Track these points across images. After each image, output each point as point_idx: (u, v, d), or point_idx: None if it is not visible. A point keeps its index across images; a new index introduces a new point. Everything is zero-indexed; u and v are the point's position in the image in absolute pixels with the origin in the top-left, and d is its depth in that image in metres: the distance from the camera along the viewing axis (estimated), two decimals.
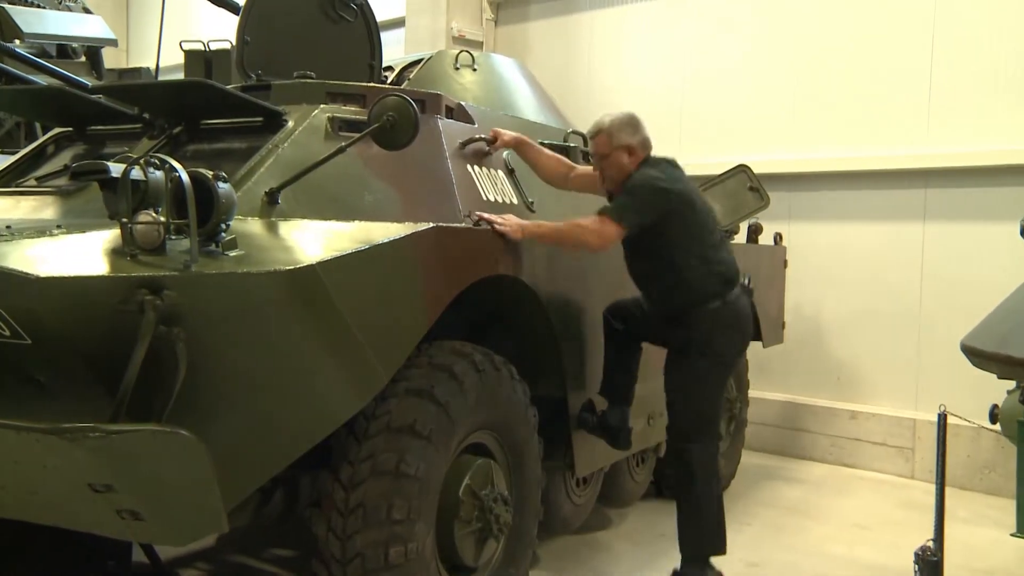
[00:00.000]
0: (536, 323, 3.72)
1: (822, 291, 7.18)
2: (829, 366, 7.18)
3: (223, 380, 2.44)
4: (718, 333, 3.80)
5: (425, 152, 3.49)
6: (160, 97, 3.57)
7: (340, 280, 2.53)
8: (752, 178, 6.15)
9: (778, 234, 6.72)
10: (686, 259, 3.76)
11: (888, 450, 6.73)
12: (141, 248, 2.41)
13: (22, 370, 2.47)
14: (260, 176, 3.03)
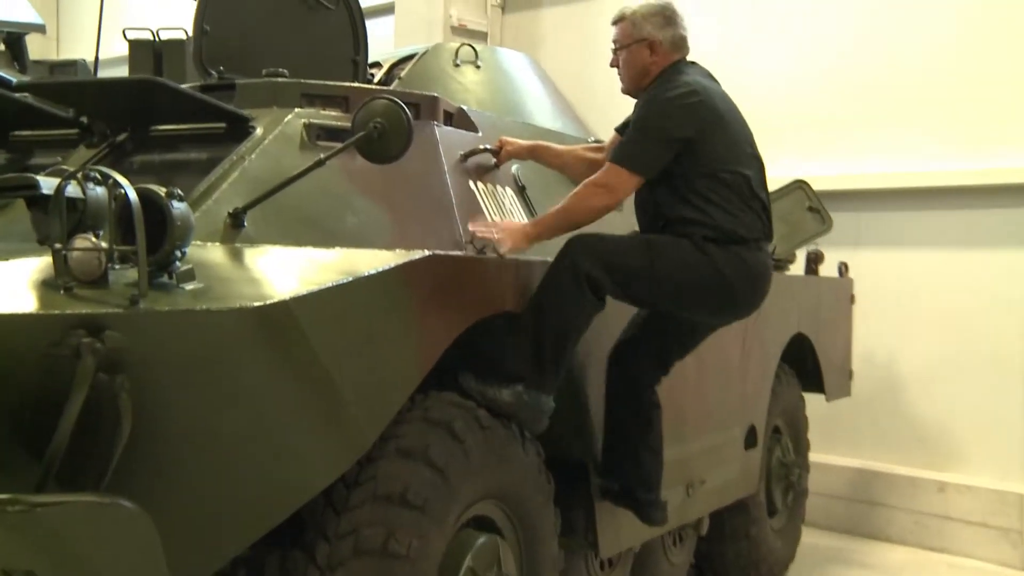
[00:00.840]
0: None
1: (898, 333, 7.14)
2: (909, 425, 7.11)
3: (175, 439, 2.44)
4: (716, 274, 3.65)
5: (419, 165, 3.52)
6: (101, 97, 3.59)
7: (318, 318, 2.53)
8: (811, 196, 6.18)
9: (843, 264, 6.72)
10: (700, 199, 3.68)
11: (988, 532, 6.63)
12: (78, 280, 2.41)
13: None
14: (222, 193, 3.05)
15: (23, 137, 3.83)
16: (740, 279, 3.69)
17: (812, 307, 6.01)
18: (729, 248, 3.66)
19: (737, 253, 3.68)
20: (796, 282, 6.07)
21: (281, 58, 3.94)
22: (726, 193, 3.70)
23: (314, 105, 3.55)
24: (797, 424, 6.09)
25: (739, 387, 5.12)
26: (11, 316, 2.31)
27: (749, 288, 3.77)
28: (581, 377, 3.77)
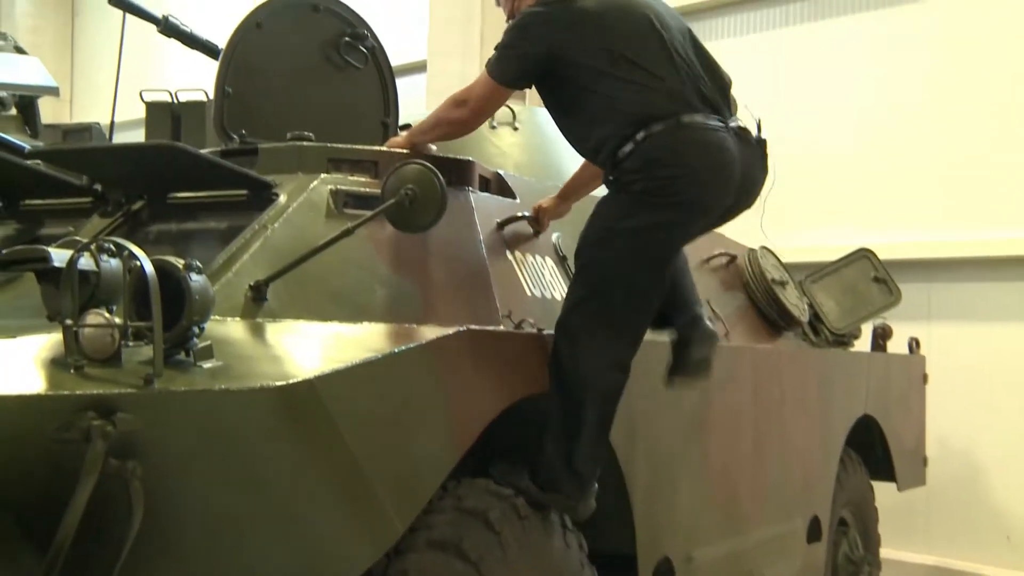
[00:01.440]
0: None
1: (976, 415, 7.06)
2: (993, 519, 6.99)
3: (190, 529, 2.45)
4: (658, 162, 3.48)
5: (453, 235, 3.54)
6: (115, 163, 3.66)
7: (344, 399, 2.54)
8: (877, 266, 6.16)
9: (914, 339, 6.67)
10: (602, 97, 3.55)
11: None
12: (89, 358, 2.44)
13: None
14: (243, 265, 3.08)
15: (34, 206, 3.89)
16: (684, 177, 3.49)
17: (880, 387, 5.95)
18: (649, 147, 3.48)
19: (661, 147, 3.49)
20: (862, 359, 6.03)
21: (307, 121, 4.00)
22: (622, 86, 3.55)
23: (341, 170, 3.59)
24: (866, 516, 6.00)
25: (800, 474, 5.07)
26: (18, 397, 2.34)
27: (696, 180, 3.52)
28: (627, 463, 3.75)
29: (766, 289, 5.32)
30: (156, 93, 5.32)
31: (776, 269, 5.51)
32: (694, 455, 4.23)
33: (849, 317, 6.03)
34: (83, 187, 3.74)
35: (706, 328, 3.83)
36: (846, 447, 5.59)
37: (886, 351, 6.37)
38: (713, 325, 3.83)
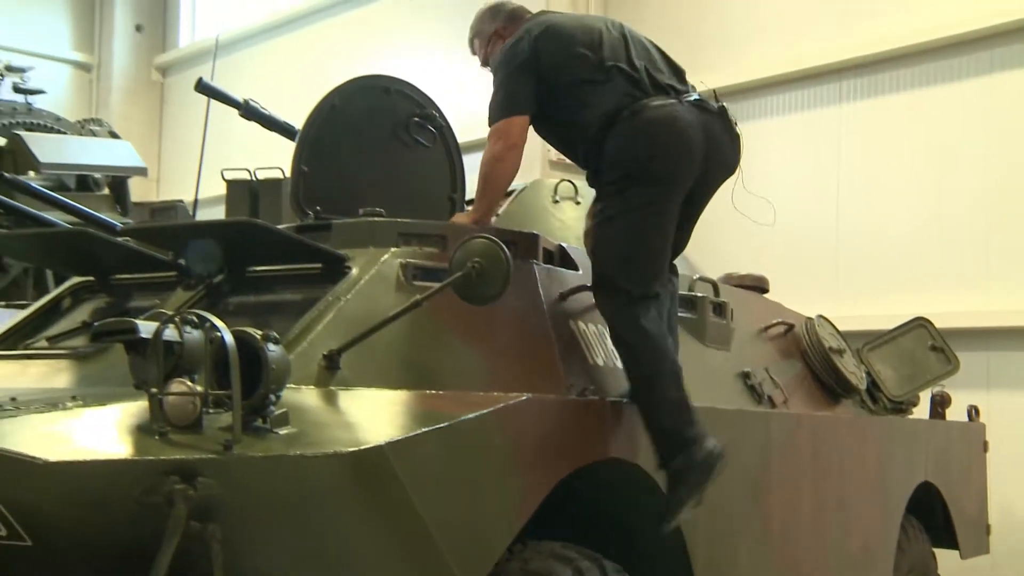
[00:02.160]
0: (656, 518, 3.67)
1: None
2: None
3: None
4: (624, 148, 3.73)
5: (519, 306, 3.56)
6: (200, 240, 3.72)
7: (414, 465, 2.55)
8: (934, 335, 6.07)
9: (973, 407, 6.55)
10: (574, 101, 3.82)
11: None
12: (172, 424, 2.48)
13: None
14: (318, 335, 3.12)
15: (123, 280, 3.97)
16: (651, 154, 3.71)
17: (940, 454, 5.84)
18: (616, 139, 3.74)
19: (625, 135, 3.74)
20: (920, 427, 5.93)
21: (378, 197, 4.05)
22: (581, 90, 3.81)
23: (411, 244, 3.63)
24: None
25: (860, 540, 4.97)
26: (105, 462, 2.39)
27: (662, 153, 3.73)
28: (688, 528, 3.71)
29: (824, 357, 5.27)
30: (236, 172, 5.42)
31: (833, 337, 5.46)
32: (754, 521, 4.17)
33: (907, 385, 5.95)
34: (168, 262, 3.81)
35: (704, 454, 3.61)
36: (907, 514, 5.47)
37: (945, 419, 6.25)
38: (715, 445, 3.64)
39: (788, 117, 8.98)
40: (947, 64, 8.08)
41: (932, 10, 8.15)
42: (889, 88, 8.40)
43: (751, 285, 5.56)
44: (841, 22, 8.74)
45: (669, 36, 9.85)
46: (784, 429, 4.46)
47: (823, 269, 8.42)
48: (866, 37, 8.50)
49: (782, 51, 9.07)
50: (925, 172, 7.91)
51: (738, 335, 4.68)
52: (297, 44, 14.13)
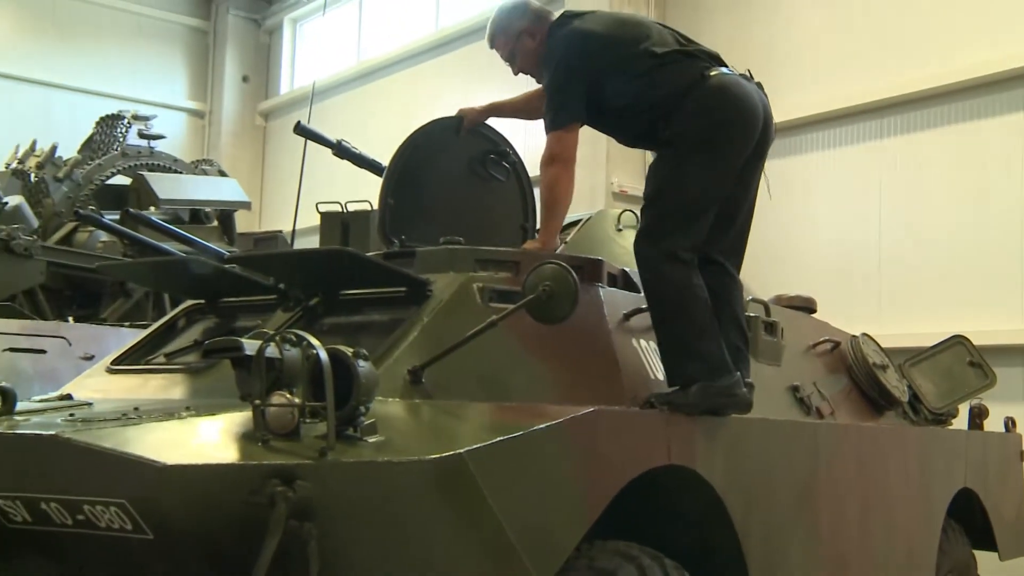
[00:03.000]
0: (713, 520, 3.64)
1: None
2: None
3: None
4: (699, 113, 3.68)
5: (585, 326, 3.55)
6: (297, 267, 3.79)
7: (491, 471, 2.55)
8: (972, 351, 5.95)
9: (1010, 419, 6.39)
10: (643, 83, 3.76)
11: None
12: (274, 433, 2.51)
13: (140, 569, 2.57)
14: (403, 352, 3.14)
15: (230, 303, 4.03)
16: (733, 118, 3.70)
17: (978, 462, 5.71)
18: (696, 101, 3.70)
19: (706, 97, 3.71)
20: (960, 437, 5.79)
21: (457, 226, 4.07)
22: (646, 79, 3.76)
23: (487, 269, 3.64)
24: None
25: (904, 543, 4.87)
26: (215, 466, 2.43)
27: (741, 118, 3.72)
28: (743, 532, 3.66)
29: (868, 372, 5.19)
30: (329, 205, 5.48)
31: (877, 354, 5.37)
32: (804, 523, 4.10)
33: (946, 398, 5.83)
34: (269, 286, 3.86)
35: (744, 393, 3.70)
36: (948, 518, 5.35)
37: (983, 429, 6.11)
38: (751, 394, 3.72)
39: (834, 151, 8.89)
40: (980, 102, 7.97)
41: (966, 52, 8.04)
42: (928, 124, 8.29)
43: (800, 306, 5.49)
44: (882, 64, 8.64)
45: None
46: (831, 439, 4.39)
47: (867, 291, 8.29)
48: (906, 77, 8.39)
49: (828, 90, 8.99)
50: (962, 201, 7.78)
51: (788, 352, 4.62)
52: (384, 90, 14.29)
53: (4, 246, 8.48)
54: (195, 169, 11.50)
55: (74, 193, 10.23)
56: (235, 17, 17.15)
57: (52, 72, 15.68)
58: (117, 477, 2.45)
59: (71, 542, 2.66)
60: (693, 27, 10.18)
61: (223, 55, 17.14)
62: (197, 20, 17.43)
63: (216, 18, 17.38)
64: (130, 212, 8.45)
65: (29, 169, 10.28)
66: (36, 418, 2.86)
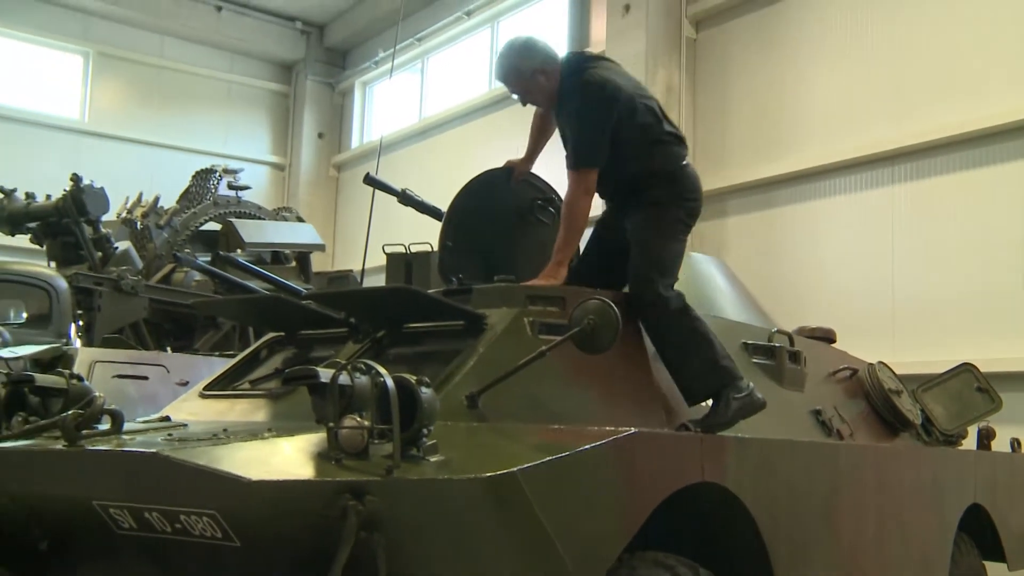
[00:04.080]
0: (743, 532, 3.57)
1: None
2: None
3: None
4: (679, 194, 3.93)
5: (626, 355, 3.52)
6: (366, 303, 3.80)
7: (541, 487, 2.52)
8: (979, 378, 5.82)
9: (1015, 440, 6.23)
10: (643, 149, 3.92)
11: None
12: (345, 452, 2.51)
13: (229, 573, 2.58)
14: (461, 380, 3.14)
15: (307, 335, 4.06)
16: (698, 204, 4.04)
17: (987, 480, 5.56)
18: (680, 180, 3.98)
19: (687, 179, 3.99)
20: (969, 456, 5.66)
21: (508, 266, 4.07)
22: (647, 151, 3.94)
23: (537, 304, 3.62)
24: None
25: (918, 554, 4.75)
26: (294, 481, 2.43)
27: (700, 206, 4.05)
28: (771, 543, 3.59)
29: (884, 397, 5.09)
30: (394, 246, 5.50)
31: (892, 380, 5.27)
32: (826, 535, 4.01)
33: (956, 421, 5.70)
34: (341, 320, 3.88)
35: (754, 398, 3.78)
36: (959, 531, 5.21)
37: (991, 450, 5.97)
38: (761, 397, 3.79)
39: (851, 196, 8.79)
40: (985, 151, 7.86)
41: (972, 104, 7.94)
42: (935, 171, 8.18)
43: (820, 336, 5.41)
44: (893, 116, 8.55)
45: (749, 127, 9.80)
46: (851, 458, 4.31)
47: (881, 323, 8.16)
48: (915, 129, 8.30)
49: (844, 141, 8.91)
50: (969, 242, 7.65)
51: (810, 378, 4.56)
52: (442, 143, 14.39)
53: (114, 285, 8.66)
54: (276, 216, 11.65)
55: (173, 238, 10.42)
56: (312, 82, 17.40)
57: (155, 133, 16.03)
58: (209, 490, 2.46)
59: (170, 548, 2.68)
60: (721, 85, 10.18)
61: (301, 115, 17.38)
62: (279, 85, 17.71)
63: (296, 83, 17.65)
64: (220, 254, 8.57)
65: (136, 218, 10.49)
66: (140, 437, 2.89)
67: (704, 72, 10.46)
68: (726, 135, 10.08)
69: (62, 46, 15.59)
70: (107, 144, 15.47)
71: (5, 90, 14.82)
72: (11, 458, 2.96)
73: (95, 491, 2.72)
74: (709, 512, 3.53)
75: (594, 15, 12.16)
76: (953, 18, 8.28)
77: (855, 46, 9.04)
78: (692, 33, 10.57)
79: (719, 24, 10.39)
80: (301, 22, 17.11)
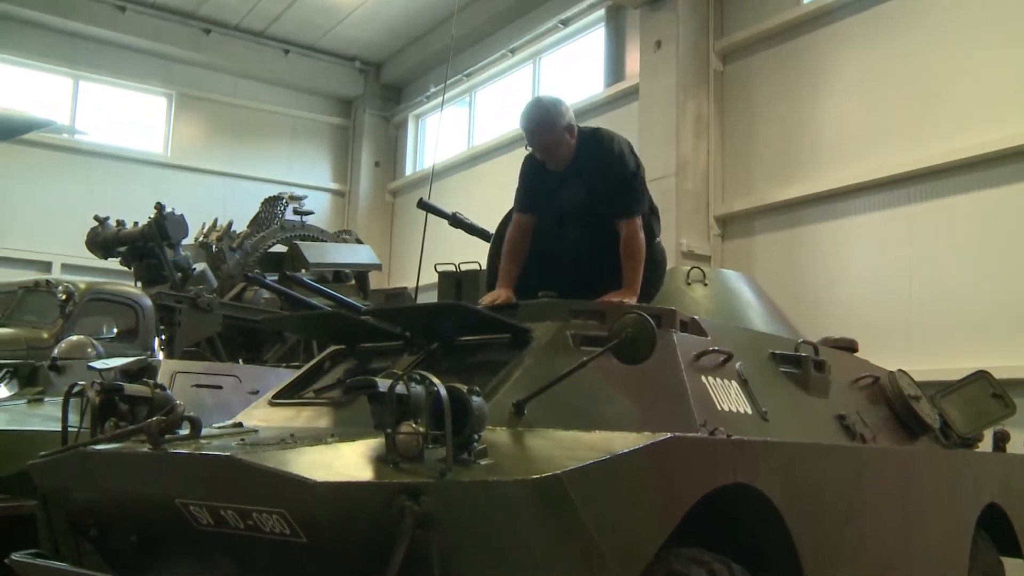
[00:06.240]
0: (773, 530, 3.51)
1: None
2: None
3: None
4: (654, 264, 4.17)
5: (661, 365, 3.48)
6: (420, 318, 3.81)
7: (584, 489, 2.50)
8: (994, 384, 5.67)
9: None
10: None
11: None
12: (402, 456, 2.51)
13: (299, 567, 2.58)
14: (508, 389, 3.12)
15: (366, 348, 4.07)
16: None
17: (1003, 480, 5.43)
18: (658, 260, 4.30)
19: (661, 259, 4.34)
20: (985, 458, 5.53)
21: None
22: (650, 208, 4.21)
23: (578, 318, 3.60)
24: None
25: (939, 550, 4.63)
26: (355, 483, 2.43)
27: None
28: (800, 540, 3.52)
29: (904, 403, 4.98)
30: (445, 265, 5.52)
31: (911, 387, 5.16)
32: (851, 534, 3.93)
33: (973, 425, 5.56)
34: (398, 334, 3.89)
35: None
36: (977, 528, 5.08)
37: (1006, 452, 5.82)
38: None
39: (871, 215, 8.66)
40: (999, 171, 7.72)
41: (986, 127, 7.80)
42: (950, 192, 8.06)
43: (844, 346, 5.31)
44: (909, 140, 8.43)
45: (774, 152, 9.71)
46: (874, 460, 4.23)
47: (901, 333, 8.01)
48: (930, 151, 8.17)
49: (865, 163, 8.80)
50: (983, 256, 7.51)
51: (834, 386, 4.47)
52: (490, 170, 14.44)
53: (192, 303, 8.79)
54: (337, 238, 11.75)
55: (244, 260, 10.55)
56: (370, 115, 17.57)
57: (229, 165, 16.31)
58: (278, 491, 2.47)
59: (244, 543, 2.69)
60: (747, 113, 10.11)
61: (360, 146, 17.54)
62: (340, 119, 17.91)
63: (355, 117, 17.83)
64: (286, 274, 8.66)
65: (211, 242, 10.64)
66: (216, 442, 2.92)
67: (731, 102, 10.40)
68: (752, 160, 10.00)
69: (149, 89, 15.97)
70: (187, 176, 15.77)
71: (100, 129, 15.18)
72: (104, 459, 3.01)
73: (176, 490, 2.75)
74: (741, 511, 3.48)
75: (628, 50, 12.15)
76: (965, 46, 8.15)
77: (873, 76, 8.94)
78: (719, 66, 10.51)
79: (745, 57, 10.32)
80: (360, 61, 17.30)
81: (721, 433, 3.34)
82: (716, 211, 10.10)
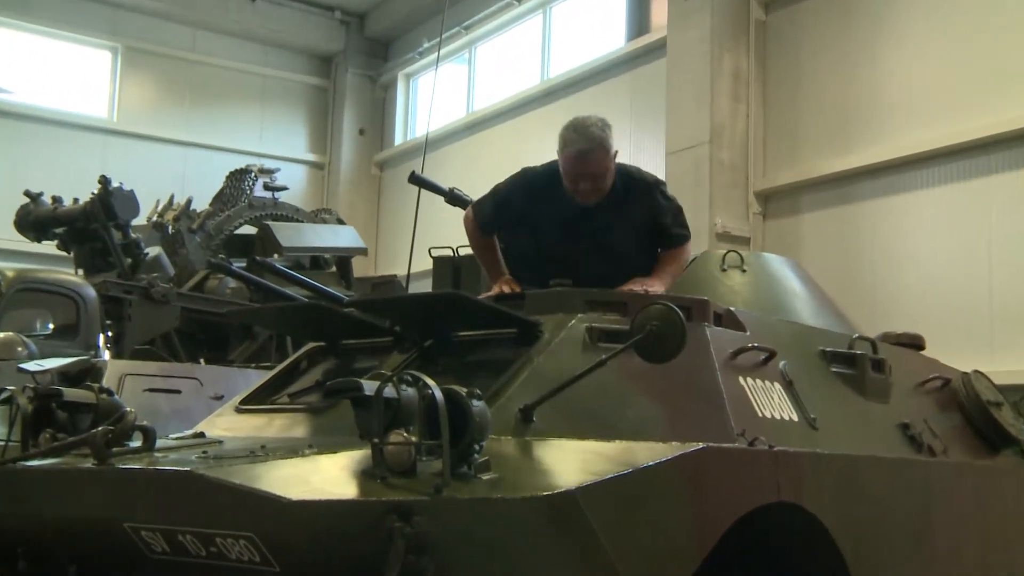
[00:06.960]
0: (822, 554, 3.52)
1: None
2: None
3: None
4: None
5: (692, 364, 3.48)
6: (412, 310, 3.82)
7: (602, 507, 2.51)
8: None
9: None
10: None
11: None
12: (391, 470, 2.51)
13: None
14: (514, 392, 3.13)
15: (349, 345, 4.08)
16: None
17: None
18: None
19: None
20: None
21: None
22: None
23: (595, 311, 3.61)
24: None
25: None
26: (336, 501, 2.44)
27: None
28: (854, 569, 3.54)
29: (982, 409, 4.98)
30: (441, 249, 5.54)
31: (990, 391, 5.15)
32: (919, 561, 3.95)
33: None
34: (386, 329, 3.90)
35: None
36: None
37: None
38: None
39: (940, 189, 8.65)
40: None
41: None
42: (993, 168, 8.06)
43: (907, 343, 5.31)
44: (987, 100, 8.40)
45: (825, 116, 9.69)
46: (945, 476, 4.23)
47: (977, 327, 8.00)
48: (1012, 114, 8.13)
49: (931, 129, 8.78)
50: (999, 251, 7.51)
51: (896, 389, 4.48)
52: (493, 139, 14.45)
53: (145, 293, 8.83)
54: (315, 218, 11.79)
55: (206, 243, 10.59)
56: (353, 75, 17.58)
57: (187, 132, 16.33)
58: (246, 511, 2.48)
59: (206, 573, 2.71)
60: (794, 70, 10.09)
61: (341, 110, 17.57)
62: (317, 79, 17.92)
63: (335, 76, 17.84)
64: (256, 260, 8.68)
65: (167, 222, 10.68)
66: (173, 455, 2.93)
67: (775, 57, 10.38)
68: (799, 125, 9.98)
69: (89, 41, 15.95)
70: (137, 144, 15.78)
71: (29, 88, 15.17)
72: (38, 477, 3.01)
73: (126, 512, 2.75)
74: (785, 532, 3.49)
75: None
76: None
77: (943, 23, 8.90)
78: (761, 15, 10.49)
79: (791, 4, 10.29)
80: (340, 11, 17.30)
81: (762, 443, 3.34)
82: (756, 185, 10.09)
